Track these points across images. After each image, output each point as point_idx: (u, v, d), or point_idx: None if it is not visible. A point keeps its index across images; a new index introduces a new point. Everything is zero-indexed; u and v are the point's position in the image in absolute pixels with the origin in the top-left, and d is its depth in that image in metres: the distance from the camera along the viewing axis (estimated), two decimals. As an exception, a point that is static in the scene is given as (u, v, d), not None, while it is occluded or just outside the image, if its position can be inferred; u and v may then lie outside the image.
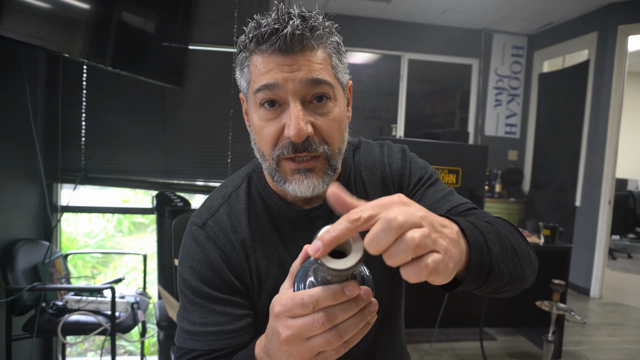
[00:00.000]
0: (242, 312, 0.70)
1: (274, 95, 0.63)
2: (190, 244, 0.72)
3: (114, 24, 1.89)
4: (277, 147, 0.65)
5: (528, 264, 0.62)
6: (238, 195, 0.76)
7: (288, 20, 0.62)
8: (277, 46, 0.61)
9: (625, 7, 3.95)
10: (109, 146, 2.28)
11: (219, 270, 0.70)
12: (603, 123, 4.09)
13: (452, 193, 0.76)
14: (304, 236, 0.75)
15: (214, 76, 2.32)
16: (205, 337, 0.67)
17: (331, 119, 0.65)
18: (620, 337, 3.29)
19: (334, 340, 0.42)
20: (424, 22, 4.86)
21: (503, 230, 0.60)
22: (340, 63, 0.69)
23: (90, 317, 1.93)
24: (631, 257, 6.00)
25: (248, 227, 0.73)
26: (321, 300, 0.41)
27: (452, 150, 2.89)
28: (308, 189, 0.65)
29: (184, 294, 0.70)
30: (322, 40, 0.65)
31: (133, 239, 4.12)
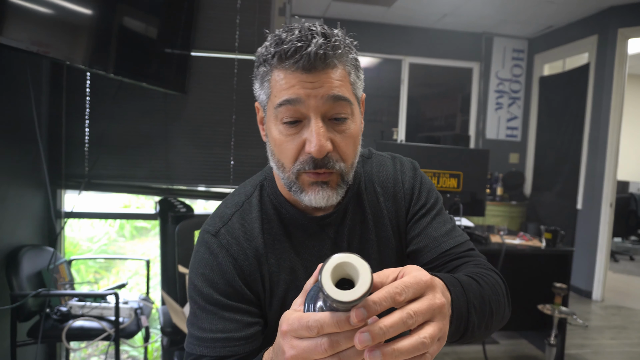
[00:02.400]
0: (252, 319, 0.71)
1: (295, 112, 0.65)
2: (203, 251, 0.73)
3: (117, 31, 1.91)
4: (298, 162, 0.67)
5: (498, 323, 0.67)
6: (251, 203, 0.77)
7: (311, 38, 0.63)
8: (300, 64, 0.62)
9: (625, 10, 3.96)
10: (112, 152, 2.29)
11: (230, 278, 0.71)
12: (604, 126, 4.10)
13: (454, 229, 0.80)
14: (315, 243, 0.76)
15: (216, 82, 2.34)
16: (214, 344, 0.68)
17: (348, 135, 0.68)
18: (622, 340, 3.29)
19: None
20: (424, 26, 4.89)
21: (488, 292, 0.64)
22: (358, 79, 0.71)
23: (94, 322, 1.94)
24: (633, 259, 5.99)
25: (261, 235, 0.74)
26: (326, 326, 0.42)
27: (453, 154, 2.90)
28: (323, 200, 0.68)
29: (194, 300, 0.71)
30: (343, 58, 0.66)
31: (135, 243, 4.13)
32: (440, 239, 0.77)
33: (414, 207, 0.81)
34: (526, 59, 5.18)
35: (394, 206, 0.81)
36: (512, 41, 5.13)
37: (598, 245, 4.15)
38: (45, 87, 2.20)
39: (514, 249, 2.75)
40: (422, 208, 0.81)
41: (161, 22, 2.12)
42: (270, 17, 2.32)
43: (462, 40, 5.03)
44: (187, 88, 2.24)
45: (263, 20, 2.34)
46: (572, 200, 4.45)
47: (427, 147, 3.04)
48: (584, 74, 4.34)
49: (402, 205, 0.81)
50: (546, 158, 4.90)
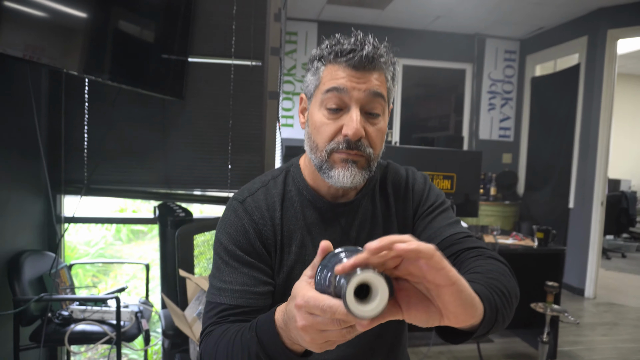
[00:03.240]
0: (266, 279, 0.82)
1: (339, 99, 0.77)
2: (229, 214, 0.85)
3: (113, 37, 1.93)
4: (333, 142, 0.78)
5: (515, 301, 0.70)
6: (276, 182, 0.89)
7: (364, 44, 0.76)
8: (352, 62, 0.75)
9: (614, 11, 4.03)
10: (111, 157, 2.32)
11: (251, 238, 0.82)
12: (594, 125, 4.17)
13: (457, 223, 0.89)
14: (327, 227, 0.87)
15: (213, 88, 2.37)
16: (233, 294, 0.78)
17: (378, 129, 0.80)
18: (614, 336, 3.35)
19: (347, 335, 0.49)
20: (417, 28, 4.94)
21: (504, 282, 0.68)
22: (393, 87, 0.83)
23: (96, 326, 1.97)
24: (625, 256, 6.09)
25: (280, 209, 0.86)
26: (337, 314, 0.47)
27: (447, 156, 2.95)
28: (350, 177, 0.78)
29: (219, 255, 0.82)
30: (385, 66, 0.79)
31: (132, 246, 4.14)
32: (442, 228, 0.86)
33: (422, 207, 0.91)
34: (518, 60, 5.25)
35: (402, 207, 0.92)
36: (504, 42, 5.20)
37: (590, 243, 4.22)
38: (44, 94, 2.22)
39: (507, 248, 2.80)
40: (429, 207, 0.91)
41: (158, 28, 2.15)
42: (266, 23, 2.35)
43: (455, 41, 5.09)
44: (184, 94, 2.27)
45: (259, 27, 2.37)
46: (564, 199, 4.52)
47: (421, 149, 3.09)
48: (575, 74, 4.41)
49: (410, 206, 0.92)
50: (539, 158, 4.97)
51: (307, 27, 4.74)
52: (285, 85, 4.74)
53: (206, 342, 0.75)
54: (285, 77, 4.73)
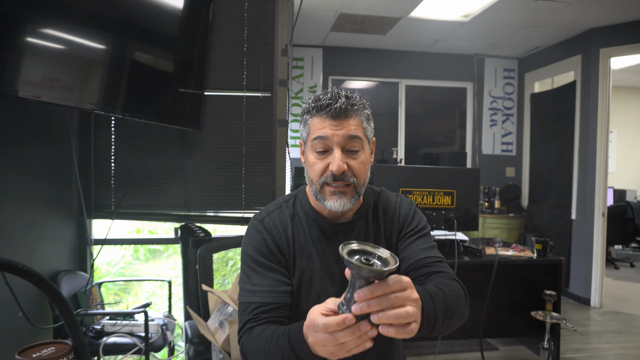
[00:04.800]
0: (286, 280, 1.02)
1: (324, 144, 0.98)
2: (252, 231, 1.06)
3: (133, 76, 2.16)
4: (323, 177, 0.98)
5: (459, 320, 0.92)
6: (287, 205, 1.11)
7: (338, 98, 0.97)
8: (329, 114, 0.96)
9: (605, 31, 4.22)
10: (136, 184, 2.55)
11: (272, 249, 1.02)
12: (592, 139, 4.32)
13: (433, 247, 1.08)
14: (328, 241, 1.06)
15: (227, 118, 2.60)
16: (262, 294, 0.98)
17: (359, 162, 0.99)
18: (618, 344, 3.44)
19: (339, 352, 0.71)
20: (418, 50, 5.17)
21: (451, 298, 0.88)
22: (369, 126, 1.03)
23: (126, 338, 2.17)
24: (634, 266, 6.13)
25: (291, 226, 1.06)
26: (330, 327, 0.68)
27: (447, 174, 3.13)
28: (340, 205, 0.98)
29: (247, 264, 1.02)
30: (358, 112, 1.00)
31: (149, 265, 4.35)
32: (419, 250, 1.06)
33: (405, 229, 1.11)
34: (517, 78, 5.44)
35: (390, 227, 1.11)
36: (502, 61, 5.40)
37: (593, 253, 4.33)
38: (75, 127, 2.46)
39: (508, 259, 2.95)
40: (412, 230, 1.10)
41: (176, 65, 2.39)
42: (274, 58, 2.59)
43: (455, 62, 5.30)
44: (201, 124, 2.50)
45: (268, 61, 2.61)
46: (566, 210, 4.64)
47: (423, 168, 3.28)
48: (571, 90, 4.58)
49: (396, 228, 1.11)
50: (540, 171, 5.11)
51: (312, 52, 5.00)
52: (293, 108, 4.98)
53: (247, 338, 0.94)
54: (293, 101, 4.97)
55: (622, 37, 4.12)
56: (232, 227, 3.36)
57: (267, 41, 2.60)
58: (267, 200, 2.68)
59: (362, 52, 5.11)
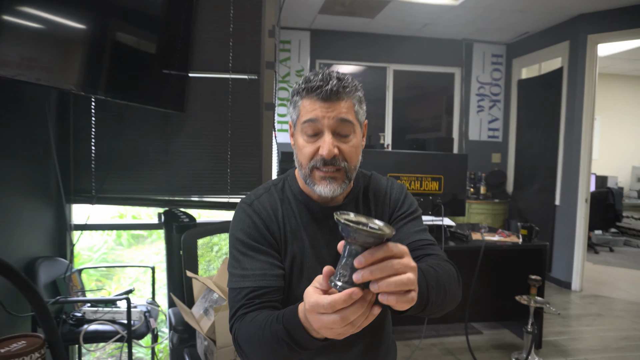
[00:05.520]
0: (278, 264, 0.98)
1: (314, 127, 0.93)
2: (241, 215, 1.01)
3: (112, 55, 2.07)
4: (312, 161, 0.94)
5: (452, 302, 0.90)
6: (276, 189, 1.07)
7: (329, 80, 0.92)
8: (321, 96, 0.91)
9: (593, 17, 4.21)
10: (117, 168, 2.47)
11: (262, 232, 0.99)
12: (577, 125, 4.35)
13: (424, 230, 1.06)
14: (319, 226, 1.03)
15: (213, 100, 2.53)
16: (254, 278, 0.94)
17: (350, 145, 0.95)
18: (598, 326, 3.52)
19: (349, 330, 0.66)
20: (407, 34, 5.11)
21: (443, 277, 0.87)
22: (361, 109, 0.99)
23: (108, 326, 2.12)
24: (613, 250, 6.27)
25: (281, 209, 1.02)
26: (337, 305, 0.62)
27: (435, 159, 3.12)
28: (330, 191, 0.95)
29: (237, 249, 0.98)
30: (350, 95, 0.95)
31: (132, 251, 4.28)
32: (411, 233, 1.03)
33: (396, 212, 1.08)
34: (505, 63, 5.43)
35: (381, 211, 1.08)
36: (490, 47, 5.38)
37: (575, 239, 4.40)
38: (53, 108, 2.37)
39: (494, 245, 2.97)
40: (403, 213, 1.07)
41: (159, 46, 2.30)
42: (261, 39, 2.51)
43: (443, 47, 5.26)
44: (186, 107, 2.42)
45: (254, 42, 2.53)
46: (550, 196, 4.70)
47: (411, 153, 3.25)
48: (558, 77, 4.59)
49: (387, 211, 1.08)
50: (526, 157, 5.15)
51: (300, 35, 4.90)
52: (280, 92, 4.89)
53: (239, 325, 0.91)
54: (280, 84, 4.89)
55: (610, 24, 4.13)
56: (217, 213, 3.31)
57: (253, 22, 2.52)
58: (254, 185, 2.63)
59: (350, 36, 5.03)
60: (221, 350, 1.68)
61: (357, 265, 0.61)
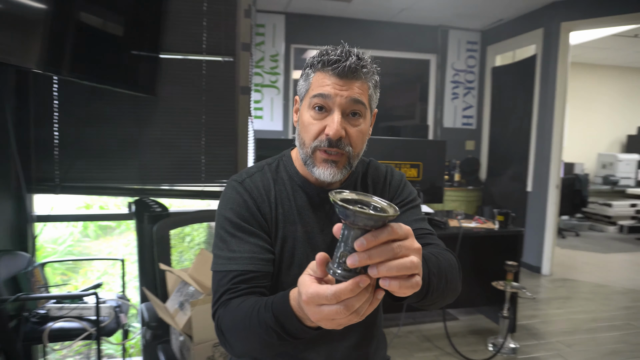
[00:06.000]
0: (269, 247, 0.92)
1: (324, 103, 0.87)
2: (231, 192, 0.94)
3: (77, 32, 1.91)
4: (317, 140, 0.88)
5: (453, 292, 0.87)
6: (270, 168, 1.00)
7: (348, 56, 0.86)
8: (337, 71, 0.85)
9: (566, 5, 4.26)
10: (84, 155, 2.31)
11: (253, 212, 0.92)
12: (550, 113, 4.42)
13: (423, 220, 1.02)
14: (314, 209, 0.97)
15: (186, 83, 2.39)
16: (242, 261, 0.87)
17: (358, 130, 0.89)
18: (567, 309, 3.62)
19: (354, 319, 0.59)
20: (383, 19, 5.04)
21: (445, 266, 0.83)
22: (375, 95, 0.94)
23: (75, 323, 1.99)
24: (579, 235, 6.49)
25: (274, 190, 0.96)
26: (342, 295, 0.56)
27: (413, 146, 3.08)
28: (330, 175, 0.89)
29: (224, 229, 0.91)
30: (367, 76, 0.89)
31: (100, 243, 4.10)
32: (410, 222, 0.98)
33: (396, 199, 1.03)
34: (479, 51, 5.45)
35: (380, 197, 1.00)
36: (466, 34, 5.38)
37: (546, 224, 4.50)
38: (10, 90, 2.18)
39: (471, 231, 2.98)
40: (402, 201, 1.03)
41: (127, 24, 2.15)
42: (237, 19, 2.39)
43: (420, 33, 5.22)
44: (157, 90, 2.29)
45: (229, 23, 2.40)
46: (522, 183, 4.78)
47: (389, 139, 3.21)
48: (532, 64, 4.63)
49: (386, 198, 1.02)
50: (499, 144, 5.21)
51: (274, 19, 4.75)
52: (255, 77, 4.75)
53: (223, 312, 0.83)
54: (254, 70, 4.74)
55: (582, 11, 4.18)
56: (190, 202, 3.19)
57: (228, 1, 2.39)
58: (229, 173, 2.53)
59: (326, 20, 4.92)
60: (198, 347, 1.60)
61: (358, 248, 0.55)
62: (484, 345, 2.90)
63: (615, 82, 7.39)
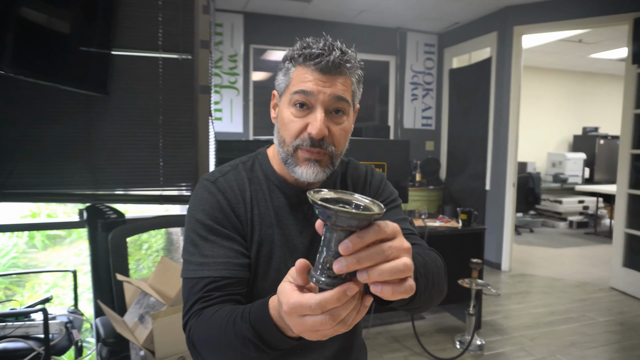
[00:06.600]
0: (244, 251, 0.85)
1: (306, 100, 0.81)
2: (202, 193, 0.87)
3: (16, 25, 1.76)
4: (298, 139, 0.83)
5: (439, 293, 0.81)
6: (245, 166, 0.94)
7: (332, 50, 0.81)
8: (320, 66, 0.80)
9: (519, 9, 4.41)
10: (29, 159, 2.13)
11: (227, 214, 0.85)
12: (505, 113, 4.56)
13: (405, 220, 0.97)
14: (292, 211, 0.92)
15: (141, 82, 2.26)
16: (216, 267, 0.80)
17: (341, 128, 0.85)
18: (527, 303, 3.73)
19: (340, 329, 0.53)
20: (343, 21, 5.04)
21: (431, 266, 0.79)
22: (358, 90, 0.89)
23: (20, 342, 1.82)
24: (533, 231, 6.75)
25: (249, 190, 0.90)
26: (328, 305, 0.50)
27: (377, 146, 3.08)
28: (312, 175, 0.84)
29: (196, 233, 0.84)
30: (351, 71, 0.84)
31: (49, 253, 3.84)
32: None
33: (377, 199, 0.94)
34: (437, 53, 5.56)
35: None
36: (423, 36, 5.47)
37: (504, 222, 4.63)
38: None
39: (435, 230, 3.00)
40: (383, 201, 0.98)
41: (74, 18, 2.00)
42: (195, 15, 2.28)
43: (379, 35, 5.27)
44: (109, 89, 2.14)
45: (187, 18, 2.29)
46: (481, 182, 4.90)
47: (352, 139, 3.18)
48: (487, 66, 4.77)
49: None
50: (458, 144, 5.33)
51: (233, 18, 4.64)
52: (213, 78, 4.61)
53: (195, 323, 0.76)
54: (213, 70, 4.60)
55: (535, 15, 4.34)
56: (147, 208, 3.02)
57: (185, -5, 2.28)
58: (189, 177, 2.41)
59: (285, 21, 4.86)
60: (161, 362, 1.49)
61: (343, 251, 0.49)
62: (451, 344, 2.93)
63: (561, 85, 7.77)
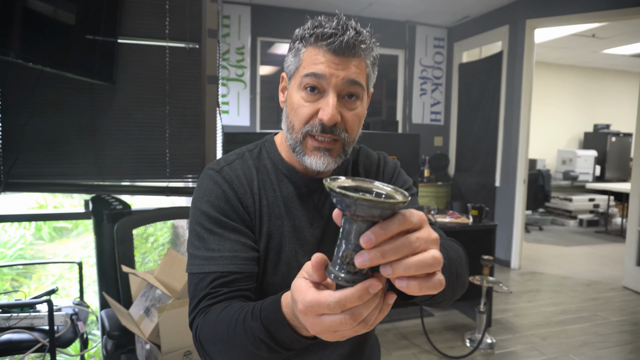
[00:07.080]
0: (253, 244, 0.81)
1: (317, 83, 0.76)
2: (207, 183, 0.82)
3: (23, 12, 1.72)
4: (308, 125, 0.78)
5: (462, 286, 0.78)
6: (251, 155, 0.89)
7: (346, 29, 0.75)
8: (333, 47, 0.74)
9: (531, 2, 4.32)
10: (33, 148, 2.10)
11: (234, 205, 0.81)
12: (516, 109, 4.48)
13: (421, 209, 0.91)
14: (301, 201, 0.87)
15: (148, 71, 2.22)
16: (223, 261, 0.76)
17: (355, 114, 0.79)
18: (537, 302, 3.67)
19: (361, 329, 0.48)
20: (351, 13, 4.97)
21: (454, 257, 0.75)
22: (373, 73, 0.83)
23: (25, 334, 1.79)
24: (542, 229, 6.67)
25: (257, 179, 0.85)
26: (348, 303, 0.45)
27: (387, 139, 3.02)
28: (323, 164, 0.79)
29: (201, 225, 0.79)
30: (366, 53, 0.78)
31: (55, 245, 3.83)
32: None
33: None
34: (446, 47, 5.48)
35: None
36: (433, 30, 5.39)
37: (514, 219, 4.56)
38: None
39: (445, 226, 2.94)
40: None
41: (80, 5, 1.96)
42: (202, 3, 2.23)
43: (388, 28, 5.19)
44: (115, 77, 2.10)
45: (194, 7, 2.25)
46: (491, 178, 4.83)
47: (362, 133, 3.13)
48: (498, 61, 4.69)
49: None
50: (467, 140, 5.26)
51: (240, 10, 4.59)
52: (221, 70, 4.57)
53: (203, 321, 0.72)
54: (220, 61, 4.56)
55: (548, 9, 4.25)
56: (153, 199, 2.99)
57: (193, -18, 2.24)
58: (196, 168, 2.37)
59: (293, 13, 4.80)
60: (167, 356, 1.45)
61: (364, 244, 0.44)
62: (460, 341, 2.87)
63: (572, 81, 7.65)
